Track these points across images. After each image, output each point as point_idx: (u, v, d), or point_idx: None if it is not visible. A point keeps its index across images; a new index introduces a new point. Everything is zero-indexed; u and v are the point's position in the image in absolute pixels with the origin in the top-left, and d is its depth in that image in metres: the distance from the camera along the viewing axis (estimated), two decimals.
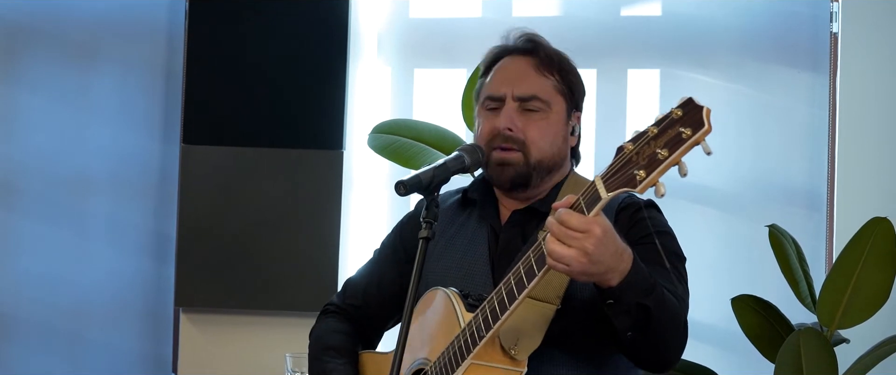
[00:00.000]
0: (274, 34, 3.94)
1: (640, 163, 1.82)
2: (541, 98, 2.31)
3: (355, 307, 2.51)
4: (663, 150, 1.79)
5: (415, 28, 4.05)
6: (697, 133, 1.77)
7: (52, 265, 4.14)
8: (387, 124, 3.68)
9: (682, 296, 2.18)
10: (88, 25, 4.17)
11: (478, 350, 2.07)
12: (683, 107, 1.79)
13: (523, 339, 2.09)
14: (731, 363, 3.61)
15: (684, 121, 1.78)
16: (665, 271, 2.17)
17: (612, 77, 3.88)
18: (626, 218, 2.29)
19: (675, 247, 2.30)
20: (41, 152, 4.15)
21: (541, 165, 2.30)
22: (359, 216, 4.02)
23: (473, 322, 2.08)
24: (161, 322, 4.14)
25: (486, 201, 2.39)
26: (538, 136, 2.29)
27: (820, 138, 3.75)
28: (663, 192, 1.81)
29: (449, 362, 2.12)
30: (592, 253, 1.90)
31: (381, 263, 2.52)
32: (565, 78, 2.36)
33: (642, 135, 1.83)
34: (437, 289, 2.25)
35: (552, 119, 2.32)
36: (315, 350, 2.46)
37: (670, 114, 1.80)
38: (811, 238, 3.68)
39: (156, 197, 4.15)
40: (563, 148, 2.34)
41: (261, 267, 3.93)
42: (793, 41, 3.80)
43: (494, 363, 2.09)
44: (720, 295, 3.42)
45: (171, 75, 4.13)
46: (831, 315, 3.09)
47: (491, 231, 2.35)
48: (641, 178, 1.81)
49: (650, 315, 2.02)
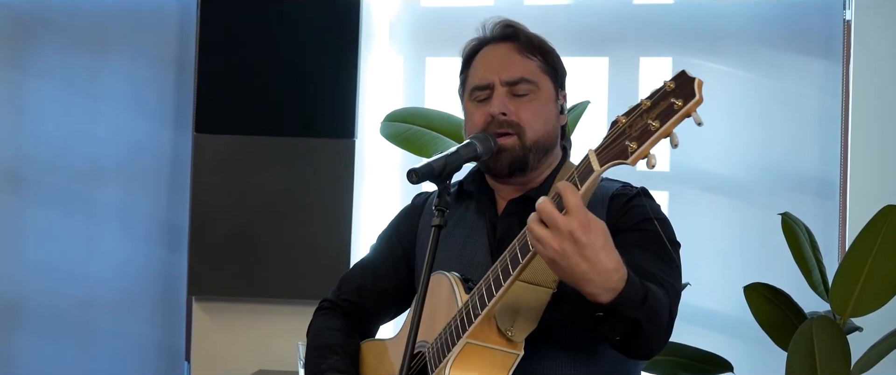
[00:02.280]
0: (285, 23, 3.94)
1: (632, 134, 1.82)
2: (528, 80, 2.31)
3: (350, 302, 2.50)
4: (655, 122, 1.79)
5: (426, 16, 4.05)
6: (688, 103, 1.77)
7: (64, 254, 4.16)
8: (399, 112, 3.67)
9: (673, 286, 2.16)
10: (100, 15, 4.18)
11: (473, 330, 2.07)
12: (676, 80, 1.80)
13: (519, 321, 2.09)
14: (744, 351, 3.60)
15: (676, 93, 1.79)
16: (657, 259, 2.17)
17: (625, 65, 3.87)
18: (619, 206, 2.27)
19: (670, 234, 2.27)
20: (53, 141, 4.17)
21: (537, 145, 2.29)
22: (370, 204, 4.03)
23: (469, 301, 2.09)
24: (173, 310, 4.15)
25: (482, 193, 2.39)
26: (531, 118, 2.29)
27: (833, 126, 3.74)
28: (654, 164, 1.81)
29: (446, 342, 2.13)
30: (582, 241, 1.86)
31: (377, 258, 2.51)
32: (548, 58, 2.35)
33: (636, 108, 1.83)
34: (440, 273, 2.25)
35: (542, 99, 2.32)
36: (310, 349, 2.47)
37: (663, 86, 1.81)
38: (824, 226, 3.67)
39: (168, 187, 4.16)
40: (555, 126, 2.34)
41: (273, 256, 3.94)
42: (806, 29, 3.79)
43: (490, 343, 2.08)
44: (733, 283, 3.41)
45: (182, 64, 4.14)
46: (844, 303, 3.08)
47: (488, 222, 2.35)
48: (632, 150, 1.81)
49: (640, 327, 2.01)
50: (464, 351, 2.08)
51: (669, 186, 3.84)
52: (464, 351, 2.08)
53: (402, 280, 2.45)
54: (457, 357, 2.08)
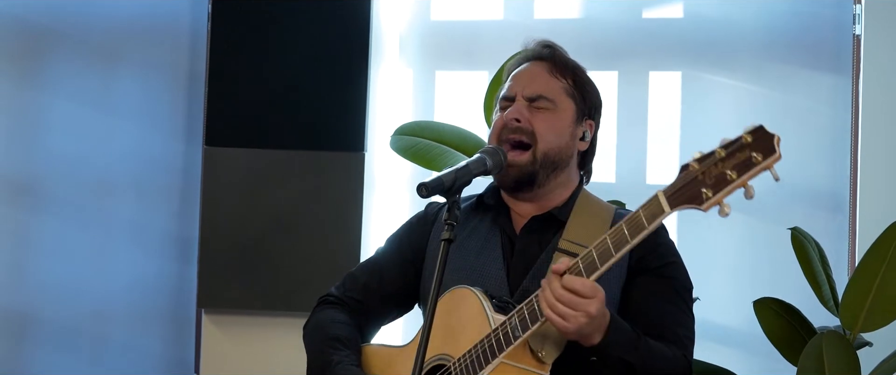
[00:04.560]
0: (296, 36, 3.96)
1: (707, 182, 1.92)
2: (546, 97, 2.38)
3: (355, 300, 2.50)
4: (732, 172, 1.91)
5: (436, 30, 4.06)
6: (768, 158, 1.91)
7: (75, 266, 4.17)
8: (409, 126, 3.67)
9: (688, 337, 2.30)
10: (112, 28, 4.19)
11: (510, 351, 2.12)
12: (753, 134, 1.90)
13: (548, 345, 2.15)
14: (753, 366, 3.60)
15: (754, 147, 1.91)
16: (676, 310, 2.29)
17: (634, 79, 3.87)
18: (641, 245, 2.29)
19: (685, 279, 2.37)
20: (65, 155, 4.18)
21: (547, 158, 2.34)
22: (380, 218, 4.03)
23: (509, 322, 2.13)
24: (184, 323, 4.16)
25: (500, 207, 2.43)
26: (544, 129, 2.35)
27: (843, 140, 3.73)
28: (728, 212, 1.94)
29: (477, 359, 2.16)
30: (595, 315, 2.04)
31: (385, 260, 2.53)
32: (578, 84, 2.43)
33: (709, 155, 1.93)
34: (464, 288, 2.27)
35: (559, 115, 2.38)
36: (317, 340, 2.44)
37: (740, 138, 1.90)
38: (834, 240, 3.66)
39: (179, 200, 4.17)
40: (569, 145, 2.38)
41: (283, 269, 3.94)
42: (815, 43, 3.78)
43: (523, 364, 2.14)
44: (742, 297, 3.41)
45: (193, 78, 4.15)
46: (854, 318, 3.07)
47: (504, 235, 2.39)
48: (708, 197, 1.92)
49: (634, 370, 2.14)
50: (498, 370, 2.13)
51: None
52: (498, 370, 2.13)
53: (409, 283, 2.46)
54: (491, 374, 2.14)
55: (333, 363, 2.35)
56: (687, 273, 2.37)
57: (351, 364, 2.35)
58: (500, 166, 2.26)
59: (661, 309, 2.27)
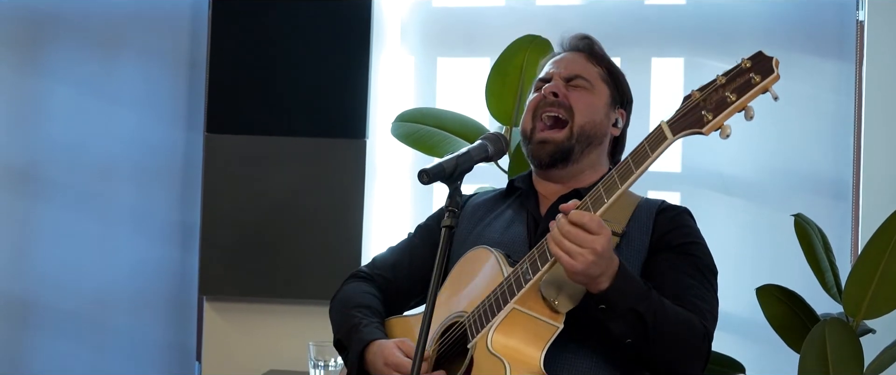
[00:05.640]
0: (297, 23, 3.95)
1: (707, 107, 1.96)
2: (584, 77, 2.45)
3: (384, 278, 2.55)
4: (732, 95, 1.94)
5: (438, 16, 4.05)
6: (766, 79, 1.95)
7: (76, 253, 4.17)
8: (410, 113, 3.67)
9: (710, 312, 2.25)
10: (113, 15, 4.19)
11: (521, 296, 2.12)
12: (753, 59, 1.97)
13: (563, 296, 2.14)
14: (756, 353, 3.59)
15: (753, 70, 1.95)
16: (699, 285, 2.26)
17: (636, 66, 3.86)
18: (666, 220, 2.36)
19: (709, 260, 2.36)
20: (66, 141, 4.18)
21: (583, 132, 2.40)
22: (382, 205, 4.02)
23: (519, 268, 2.15)
24: (185, 310, 4.16)
25: (530, 191, 2.48)
26: (582, 105, 2.41)
27: (846, 127, 3.73)
28: (729, 133, 1.94)
29: (491, 307, 2.16)
30: (601, 253, 2.01)
31: (415, 242, 2.59)
32: (613, 73, 2.51)
33: (710, 84, 1.98)
34: (479, 248, 2.32)
35: (595, 94, 2.45)
36: (344, 306, 2.48)
37: (739, 64, 1.97)
38: (837, 227, 3.66)
39: (180, 186, 4.17)
40: (604, 123, 2.44)
41: (284, 256, 3.94)
42: (818, 29, 3.77)
43: (535, 312, 2.13)
44: (745, 284, 3.40)
45: (194, 64, 4.14)
46: (857, 305, 3.07)
47: (530, 216, 2.42)
48: (708, 119, 1.95)
49: (645, 322, 2.08)
50: (509, 317, 2.13)
51: (682, 187, 3.83)
52: (509, 317, 2.13)
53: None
54: (502, 322, 2.12)
55: (360, 324, 2.38)
56: (711, 256, 2.36)
57: (375, 328, 2.38)
58: (501, 152, 2.26)
59: (681, 281, 2.24)
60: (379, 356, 2.28)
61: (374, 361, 2.29)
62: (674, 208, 2.41)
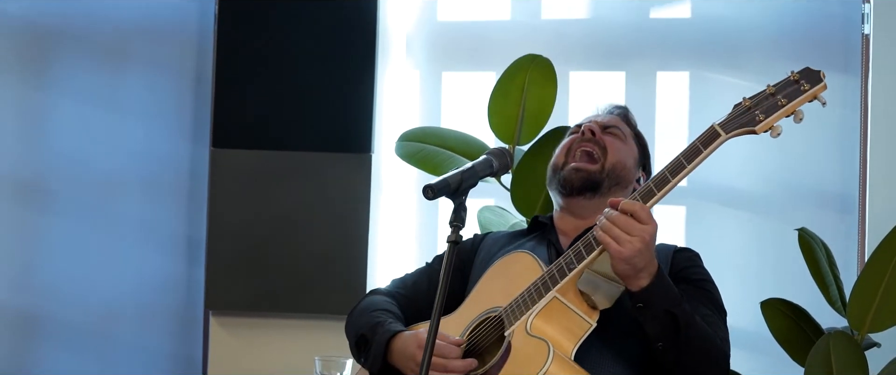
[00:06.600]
0: (303, 37, 3.95)
1: (759, 109, 2.12)
2: (620, 128, 2.58)
3: (403, 296, 2.60)
4: (783, 99, 2.11)
5: (443, 31, 4.05)
6: (816, 86, 2.12)
7: (83, 266, 4.17)
8: (413, 132, 3.68)
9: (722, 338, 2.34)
10: (119, 29, 4.20)
11: (563, 285, 2.18)
12: (801, 72, 2.13)
13: (599, 293, 2.19)
14: (761, 366, 3.59)
15: (802, 81, 2.12)
16: (712, 314, 2.35)
17: (641, 79, 3.87)
18: (683, 259, 2.46)
19: (721, 301, 2.46)
20: (72, 155, 4.19)
21: (613, 171, 2.49)
22: (387, 219, 4.03)
23: (563, 259, 2.21)
24: (191, 324, 4.16)
25: (551, 226, 2.56)
26: (615, 148, 2.53)
27: (851, 140, 3.72)
28: (780, 133, 2.12)
29: (530, 297, 2.21)
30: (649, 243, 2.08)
31: (434, 267, 2.65)
32: (640, 140, 2.64)
33: (759, 93, 2.15)
34: (519, 251, 2.39)
35: (628, 145, 2.58)
36: (366, 310, 2.53)
37: (788, 77, 2.14)
38: (842, 241, 3.65)
39: (186, 200, 4.17)
40: (632, 172, 2.56)
41: (290, 270, 3.94)
42: (824, 43, 3.77)
43: (573, 305, 2.19)
44: (749, 298, 3.40)
45: (200, 78, 4.15)
46: (862, 318, 3.06)
47: (551, 247, 2.48)
48: (761, 119, 2.11)
49: (678, 327, 2.13)
50: (550, 305, 2.18)
51: (687, 201, 3.83)
52: (550, 305, 2.18)
53: (456, 289, 2.53)
54: (543, 309, 2.17)
55: (385, 322, 2.43)
56: (721, 297, 2.47)
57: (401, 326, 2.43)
58: (505, 168, 2.27)
59: (699, 310, 2.31)
60: (411, 340, 2.32)
61: (403, 348, 2.33)
62: (689, 250, 2.52)
